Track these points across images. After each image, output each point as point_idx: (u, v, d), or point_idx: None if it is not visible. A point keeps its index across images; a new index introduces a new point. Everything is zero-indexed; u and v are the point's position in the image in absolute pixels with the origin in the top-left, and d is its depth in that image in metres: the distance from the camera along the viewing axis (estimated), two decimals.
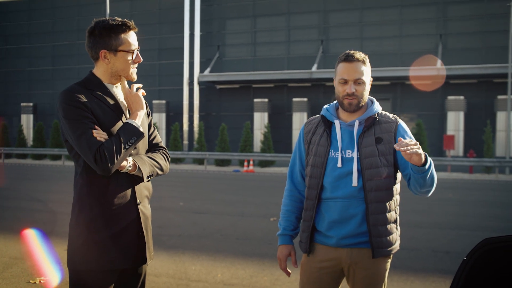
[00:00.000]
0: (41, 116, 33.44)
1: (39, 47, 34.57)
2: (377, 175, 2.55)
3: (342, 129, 2.65)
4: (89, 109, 2.39)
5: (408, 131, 2.66)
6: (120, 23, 2.47)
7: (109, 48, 2.46)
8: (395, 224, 2.68)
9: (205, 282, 5.21)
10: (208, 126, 29.55)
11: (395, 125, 2.64)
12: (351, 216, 2.57)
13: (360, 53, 2.62)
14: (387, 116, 2.68)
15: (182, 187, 14.60)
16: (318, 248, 2.68)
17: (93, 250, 2.44)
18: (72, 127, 2.35)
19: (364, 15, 28.10)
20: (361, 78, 2.58)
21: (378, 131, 2.61)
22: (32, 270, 5.54)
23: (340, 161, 2.59)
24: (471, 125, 25.62)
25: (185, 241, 7.18)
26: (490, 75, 25.19)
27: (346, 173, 2.58)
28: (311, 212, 2.67)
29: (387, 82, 27.30)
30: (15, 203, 10.82)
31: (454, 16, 26.69)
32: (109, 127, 2.44)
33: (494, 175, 20.31)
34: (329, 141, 2.64)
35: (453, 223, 8.77)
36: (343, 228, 2.59)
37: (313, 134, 2.73)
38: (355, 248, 2.60)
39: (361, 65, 2.60)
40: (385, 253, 2.59)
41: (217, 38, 30.60)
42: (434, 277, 5.45)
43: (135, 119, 2.47)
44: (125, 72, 2.53)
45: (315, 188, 2.64)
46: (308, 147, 2.73)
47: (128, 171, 2.45)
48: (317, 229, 2.68)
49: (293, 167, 2.84)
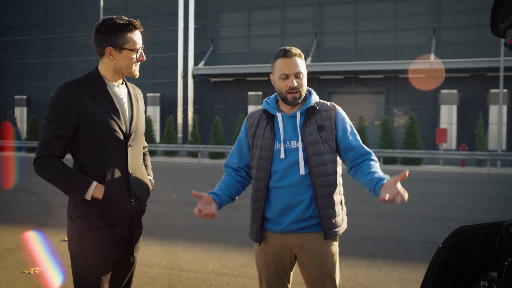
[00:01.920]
0: (35, 109, 33.40)
1: (33, 40, 34.47)
2: (321, 162, 2.66)
3: (284, 121, 2.75)
4: (77, 110, 2.49)
5: (346, 118, 2.79)
6: (127, 22, 2.57)
7: (115, 45, 2.56)
8: (341, 205, 2.78)
9: (197, 272, 5.31)
10: (202, 119, 29.60)
11: (334, 112, 2.76)
12: (298, 202, 2.67)
13: (296, 49, 2.73)
14: (326, 104, 2.80)
15: (175, 179, 14.69)
16: (268, 235, 2.78)
17: (88, 238, 2.55)
18: (45, 125, 2.52)
19: (358, 9, 28.16)
20: (300, 72, 2.70)
21: (319, 120, 2.72)
22: (27, 260, 5.62)
23: (283, 152, 2.69)
24: (463, 118, 25.80)
25: (178, 232, 7.28)
26: (483, 69, 25.35)
27: (293, 163, 2.68)
28: (260, 203, 2.75)
29: (380, 75, 27.43)
30: (9, 195, 10.88)
31: (448, 10, 26.80)
32: (102, 125, 2.53)
33: (485, 168, 20.48)
34: (273, 133, 2.73)
35: (442, 215, 8.90)
36: (290, 214, 2.68)
37: (256, 128, 2.82)
38: (303, 233, 2.70)
39: (299, 59, 2.71)
40: (335, 234, 2.70)
41: (211, 31, 30.61)
42: (421, 267, 5.56)
43: (97, 194, 2.53)
44: (128, 69, 2.63)
45: (263, 180, 2.73)
46: (252, 140, 2.83)
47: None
48: (266, 217, 2.77)
49: (230, 163, 2.92)
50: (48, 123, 2.51)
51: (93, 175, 2.54)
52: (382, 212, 9.02)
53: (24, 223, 7.73)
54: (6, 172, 16.66)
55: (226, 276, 5.19)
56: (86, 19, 32.71)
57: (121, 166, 2.60)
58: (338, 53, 28.21)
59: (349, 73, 27.28)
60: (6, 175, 15.58)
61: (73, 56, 32.64)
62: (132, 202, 2.63)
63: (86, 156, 2.55)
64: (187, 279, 5.06)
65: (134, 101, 2.72)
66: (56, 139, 2.49)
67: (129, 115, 2.66)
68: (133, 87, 2.80)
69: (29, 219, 8.10)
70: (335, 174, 2.72)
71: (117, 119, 2.57)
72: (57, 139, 2.49)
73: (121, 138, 2.59)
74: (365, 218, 8.36)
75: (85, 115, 2.49)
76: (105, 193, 2.52)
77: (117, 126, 2.57)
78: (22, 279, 4.95)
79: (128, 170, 2.62)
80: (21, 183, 12.76)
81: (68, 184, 2.50)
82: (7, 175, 15.74)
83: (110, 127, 2.54)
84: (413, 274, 5.31)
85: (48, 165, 2.49)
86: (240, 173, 2.91)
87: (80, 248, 2.56)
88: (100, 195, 2.51)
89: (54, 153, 2.50)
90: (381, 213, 8.92)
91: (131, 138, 2.63)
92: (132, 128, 2.64)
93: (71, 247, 2.60)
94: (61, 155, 2.54)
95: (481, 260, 2.18)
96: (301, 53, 2.75)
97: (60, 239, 6.56)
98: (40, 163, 2.50)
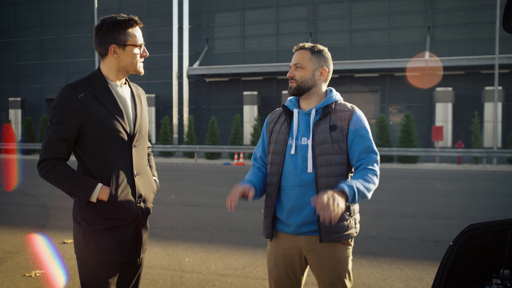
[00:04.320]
0: (30, 111, 33.27)
1: (27, 41, 34.33)
2: (327, 162, 2.62)
3: (300, 118, 2.74)
4: (80, 111, 2.46)
5: (363, 120, 2.70)
6: (127, 18, 2.55)
7: (118, 42, 2.53)
8: (348, 211, 2.66)
9: (199, 273, 5.29)
10: (198, 120, 29.56)
11: (350, 113, 2.69)
12: (306, 203, 2.62)
13: (309, 44, 2.74)
14: (345, 105, 2.76)
15: (172, 180, 14.65)
16: (280, 235, 2.76)
17: (94, 240, 2.52)
18: (48, 127, 2.49)
19: (353, 7, 28.19)
20: (300, 63, 2.70)
21: (334, 119, 2.68)
22: (27, 263, 5.58)
23: (294, 148, 2.68)
24: (459, 116, 25.86)
25: (178, 233, 7.26)
26: (478, 67, 25.43)
27: (302, 160, 2.66)
28: (272, 198, 2.73)
29: (376, 74, 27.47)
30: (6, 198, 10.82)
31: (442, 8, 26.87)
32: (106, 126, 2.50)
33: (482, 166, 20.54)
34: (288, 129, 2.73)
35: (441, 213, 8.91)
36: (299, 215, 2.65)
37: (275, 124, 2.84)
38: (312, 236, 2.66)
39: (307, 52, 2.72)
40: (334, 238, 2.61)
41: (206, 31, 30.57)
42: (423, 265, 5.57)
43: (102, 196, 2.51)
44: (134, 66, 2.60)
45: (276, 175, 2.72)
46: (270, 135, 2.84)
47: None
48: (277, 217, 2.74)
49: (256, 154, 2.94)
50: (51, 125, 2.48)
51: (98, 177, 2.52)
52: (381, 211, 9.02)
53: (23, 226, 7.68)
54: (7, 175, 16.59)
55: (229, 276, 5.17)
56: (80, 20, 32.61)
57: (126, 167, 2.57)
58: (333, 52, 27.61)
59: (344, 72, 27.30)
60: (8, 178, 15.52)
61: (67, 57, 32.51)
62: (138, 203, 2.61)
63: (91, 157, 2.53)
64: (190, 280, 5.04)
65: (138, 101, 2.69)
66: (60, 141, 2.46)
67: (132, 115, 2.64)
68: (136, 87, 2.77)
69: (28, 222, 8.06)
70: (341, 177, 2.63)
71: (121, 119, 2.55)
72: (61, 141, 2.47)
73: (125, 138, 2.56)
74: (365, 217, 8.35)
75: (88, 116, 2.47)
76: (111, 195, 2.50)
77: (121, 126, 2.54)
78: (23, 282, 4.91)
79: (133, 171, 2.60)
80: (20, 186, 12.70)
81: (73, 186, 2.47)
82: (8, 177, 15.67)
83: (114, 128, 2.52)
84: (415, 272, 5.31)
85: (53, 167, 2.47)
86: (263, 169, 2.90)
87: (87, 250, 2.53)
88: (106, 197, 2.49)
89: (58, 156, 2.48)
90: (380, 212, 8.92)
91: (136, 138, 2.61)
92: (136, 129, 2.62)
93: (78, 250, 2.58)
94: (65, 158, 2.51)
95: (493, 257, 2.17)
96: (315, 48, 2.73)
97: (60, 242, 6.51)
98: (44, 166, 2.48)
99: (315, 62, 2.72)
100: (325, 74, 2.75)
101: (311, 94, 2.74)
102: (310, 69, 2.71)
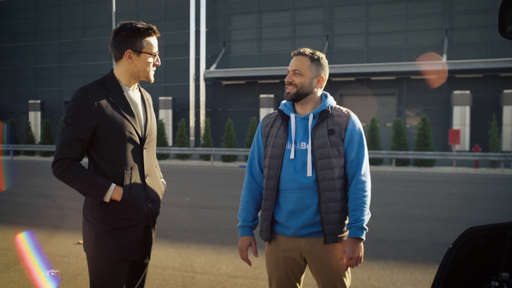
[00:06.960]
0: (49, 113, 33.68)
1: (46, 45, 34.77)
2: (328, 165, 2.67)
3: (297, 122, 2.78)
4: (95, 113, 2.54)
5: (358, 125, 2.77)
6: (146, 27, 2.64)
7: (134, 48, 2.62)
8: None
9: (210, 274, 5.35)
10: (214, 122, 29.67)
11: (346, 118, 2.76)
12: (306, 206, 2.69)
13: (308, 49, 2.79)
14: (340, 110, 2.81)
15: (188, 183, 14.76)
16: (279, 238, 2.81)
17: (106, 239, 2.59)
18: (64, 128, 2.56)
19: (370, 10, 28.09)
20: (298, 69, 2.75)
21: (331, 124, 2.74)
22: (41, 262, 5.69)
23: (293, 152, 2.72)
24: (477, 119, 25.59)
25: (191, 235, 7.33)
26: (496, 69, 25.14)
27: (301, 164, 2.71)
28: (270, 202, 2.78)
29: (392, 77, 27.31)
30: (24, 199, 11.01)
31: (460, 10, 26.64)
32: (119, 128, 2.59)
33: (499, 170, 20.32)
34: (286, 133, 2.77)
35: (454, 217, 8.87)
36: (299, 218, 2.70)
37: (271, 127, 2.87)
38: (312, 238, 2.72)
39: (305, 59, 2.76)
40: (337, 239, 2.70)
41: (222, 34, 30.70)
42: (433, 268, 5.55)
43: (115, 196, 2.57)
44: (145, 73, 2.69)
45: (274, 179, 2.76)
46: (266, 139, 2.87)
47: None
48: (276, 220, 2.79)
49: (252, 160, 2.95)
50: (66, 126, 2.55)
51: (110, 177, 2.59)
52: (394, 214, 9.00)
53: (39, 226, 7.82)
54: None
55: (239, 278, 5.23)
56: (98, 24, 32.97)
57: (138, 169, 2.66)
58: (349, 55, 28.14)
59: (360, 75, 27.20)
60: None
61: (85, 60, 32.88)
62: (148, 204, 2.69)
63: (104, 158, 2.60)
64: (201, 281, 5.10)
65: (147, 105, 2.80)
66: (75, 142, 2.54)
67: (143, 119, 2.73)
68: (144, 92, 2.86)
69: (43, 222, 8.20)
70: (342, 179, 2.73)
71: (133, 122, 2.64)
72: (76, 142, 2.54)
73: (137, 141, 2.65)
74: (377, 220, 8.35)
75: (103, 119, 2.55)
76: (124, 195, 2.58)
77: (133, 129, 2.63)
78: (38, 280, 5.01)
79: (144, 172, 2.68)
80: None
81: (87, 186, 2.55)
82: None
83: (127, 130, 2.60)
84: (425, 276, 5.31)
85: (67, 167, 2.54)
86: (259, 178, 2.92)
87: (98, 249, 2.60)
88: (119, 197, 2.56)
89: (73, 156, 2.55)
90: (392, 215, 8.90)
91: (146, 141, 2.70)
92: (147, 132, 2.71)
93: (88, 249, 2.65)
94: (80, 158, 2.59)
95: (492, 260, 2.18)
96: (315, 55, 2.78)
97: (75, 242, 6.62)
98: (59, 166, 2.55)
99: (314, 70, 2.78)
100: (321, 82, 2.81)
101: (308, 100, 2.79)
102: (309, 76, 2.76)
